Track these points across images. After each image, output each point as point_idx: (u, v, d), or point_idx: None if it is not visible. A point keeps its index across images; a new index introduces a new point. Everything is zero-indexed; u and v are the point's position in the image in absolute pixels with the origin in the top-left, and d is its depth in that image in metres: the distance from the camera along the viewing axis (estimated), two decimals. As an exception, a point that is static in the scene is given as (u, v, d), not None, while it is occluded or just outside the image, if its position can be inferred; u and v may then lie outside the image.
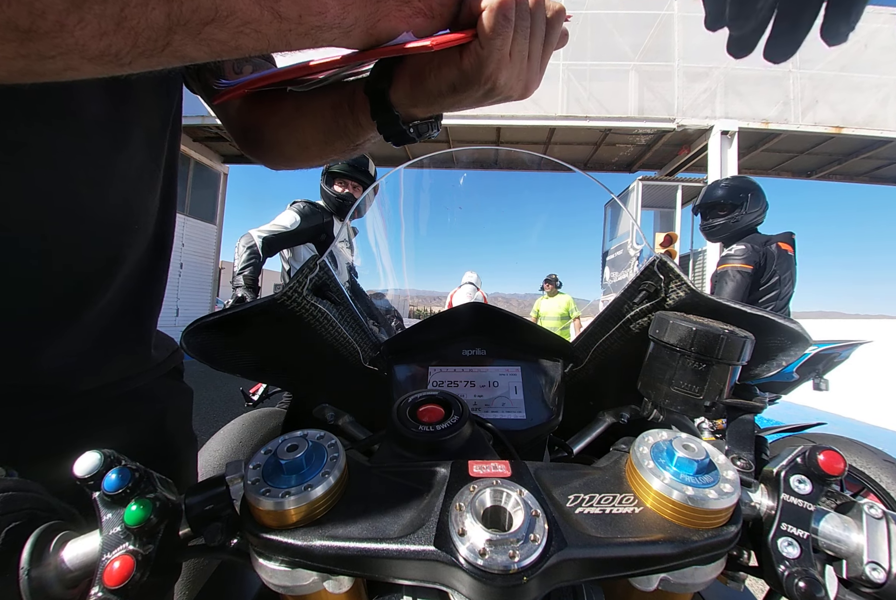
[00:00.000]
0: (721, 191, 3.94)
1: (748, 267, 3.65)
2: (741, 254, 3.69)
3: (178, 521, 0.48)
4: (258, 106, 0.91)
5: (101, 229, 0.70)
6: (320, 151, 0.89)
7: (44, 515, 0.46)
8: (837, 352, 3.59)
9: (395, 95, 0.65)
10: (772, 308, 3.69)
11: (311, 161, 0.94)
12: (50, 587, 0.42)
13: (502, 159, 7.90)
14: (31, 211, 0.62)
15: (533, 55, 0.62)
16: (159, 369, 0.91)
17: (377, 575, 0.41)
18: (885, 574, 0.42)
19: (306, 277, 0.58)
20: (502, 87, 0.61)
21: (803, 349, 0.52)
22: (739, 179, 4.09)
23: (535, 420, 0.71)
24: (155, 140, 0.79)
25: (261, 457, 0.46)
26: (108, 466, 0.47)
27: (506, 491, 0.42)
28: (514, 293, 2.75)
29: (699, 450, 0.45)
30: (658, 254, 0.60)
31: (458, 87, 0.62)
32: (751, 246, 3.71)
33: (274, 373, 0.72)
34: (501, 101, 0.67)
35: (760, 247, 3.71)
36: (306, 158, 0.93)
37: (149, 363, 0.87)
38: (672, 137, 11.73)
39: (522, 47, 0.59)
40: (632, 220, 1.04)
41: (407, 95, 0.65)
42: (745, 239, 3.81)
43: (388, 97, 0.65)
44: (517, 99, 0.67)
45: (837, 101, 10.65)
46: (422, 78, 0.62)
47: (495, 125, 11.79)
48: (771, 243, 3.76)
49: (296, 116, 0.85)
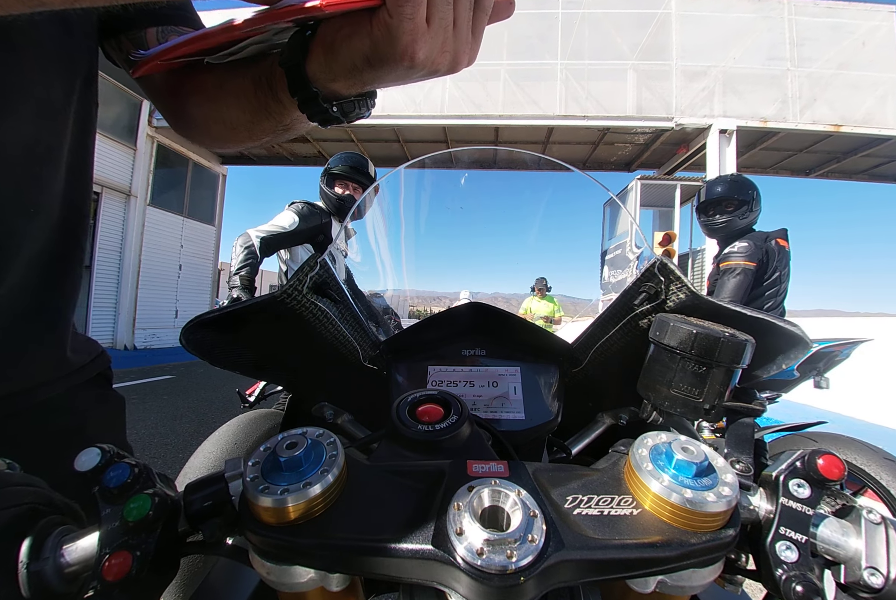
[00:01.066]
0: (729, 187, 3.89)
1: (752, 264, 3.63)
2: (745, 252, 3.66)
3: (177, 517, 0.48)
4: (182, 82, 0.84)
5: None
6: (249, 132, 0.82)
7: (45, 510, 0.46)
8: (838, 351, 3.56)
9: (311, 69, 0.59)
10: (772, 304, 3.71)
11: (243, 142, 0.88)
12: (49, 581, 0.42)
13: (502, 159, 7.88)
14: None
15: (460, 23, 0.55)
16: (78, 375, 0.84)
17: (374, 573, 0.41)
18: (884, 579, 0.42)
19: (307, 275, 0.58)
20: (423, 60, 0.54)
21: (803, 352, 0.53)
22: (741, 177, 4.03)
23: (535, 420, 0.72)
24: (53, 110, 0.72)
25: (260, 454, 0.46)
26: (107, 462, 0.47)
27: (504, 491, 0.42)
28: (514, 293, 2.74)
29: (698, 453, 0.45)
30: (658, 256, 0.60)
31: (372, 61, 0.55)
32: (753, 243, 3.68)
33: (273, 371, 0.72)
34: (428, 76, 0.60)
35: (762, 243, 3.70)
36: (236, 139, 0.87)
37: (64, 368, 0.81)
38: (670, 136, 11.76)
39: (445, 14, 0.52)
40: (630, 219, 1.03)
41: (322, 69, 0.59)
42: (746, 236, 3.78)
43: (304, 71, 0.60)
44: (446, 73, 0.60)
45: (836, 99, 10.68)
46: (333, 49, 0.56)
47: (493, 125, 11.78)
48: (770, 240, 3.75)
49: (219, 94, 0.79)
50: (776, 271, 3.68)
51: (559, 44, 11.16)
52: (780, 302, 3.76)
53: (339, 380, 0.79)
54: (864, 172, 14.06)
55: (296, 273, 0.57)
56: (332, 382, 0.79)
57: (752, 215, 3.79)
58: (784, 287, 3.75)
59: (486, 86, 11.35)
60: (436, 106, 11.30)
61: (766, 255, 3.67)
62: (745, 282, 3.62)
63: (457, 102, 11.26)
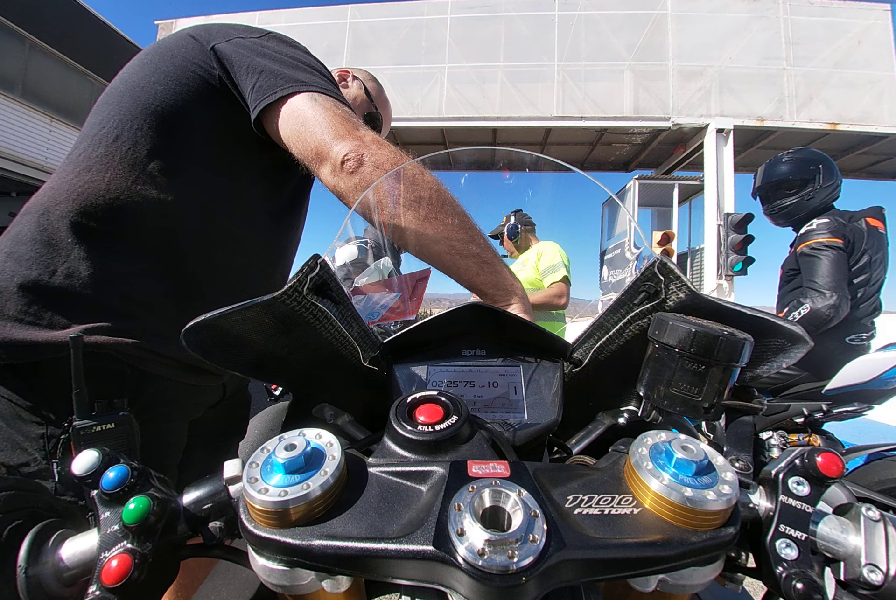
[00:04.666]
0: (786, 167, 3.39)
1: (838, 240, 3.06)
2: (826, 228, 3.11)
3: (177, 520, 0.48)
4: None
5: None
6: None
7: (45, 514, 0.46)
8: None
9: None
10: (861, 295, 3.12)
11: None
12: (48, 585, 0.42)
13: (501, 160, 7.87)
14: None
15: None
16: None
17: (375, 574, 0.41)
18: (883, 575, 0.42)
19: (307, 276, 0.57)
20: None
21: (803, 350, 0.52)
22: (803, 151, 3.47)
23: (535, 420, 0.71)
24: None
25: (259, 456, 0.46)
26: (106, 465, 0.47)
27: (505, 491, 0.42)
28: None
29: (698, 452, 0.45)
30: (658, 255, 0.60)
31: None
32: (834, 218, 3.14)
33: (273, 372, 0.72)
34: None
35: (846, 221, 3.15)
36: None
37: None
38: (668, 136, 11.75)
39: None
40: (629, 216, 1.03)
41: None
42: (825, 214, 3.24)
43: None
44: None
45: (832, 98, 10.67)
46: None
47: (491, 126, 11.78)
48: (857, 219, 3.18)
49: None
50: (864, 255, 3.08)
51: (556, 45, 11.16)
52: (873, 293, 3.16)
53: (340, 380, 0.79)
54: (862, 170, 14.05)
55: (296, 273, 0.57)
56: (332, 383, 0.79)
57: (822, 193, 3.24)
58: (877, 275, 3.15)
59: (484, 87, 11.34)
60: (433, 108, 11.30)
61: (853, 235, 3.10)
62: (839, 260, 3.02)
63: (454, 104, 11.25)
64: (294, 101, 1.04)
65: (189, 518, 0.49)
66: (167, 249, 1.07)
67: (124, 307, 1.01)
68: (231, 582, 0.72)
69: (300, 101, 1.04)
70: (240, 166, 1.18)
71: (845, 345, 3.13)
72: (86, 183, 1.01)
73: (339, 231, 0.93)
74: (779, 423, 3.06)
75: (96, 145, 1.05)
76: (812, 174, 3.25)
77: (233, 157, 1.17)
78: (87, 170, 1.03)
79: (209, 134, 1.14)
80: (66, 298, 0.96)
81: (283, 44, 1.20)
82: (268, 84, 1.05)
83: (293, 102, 1.04)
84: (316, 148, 1.01)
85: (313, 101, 1.04)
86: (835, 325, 3.00)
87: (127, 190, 1.02)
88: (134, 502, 0.44)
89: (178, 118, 1.09)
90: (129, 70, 1.15)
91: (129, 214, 1.02)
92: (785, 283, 3.50)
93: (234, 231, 1.19)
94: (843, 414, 3.00)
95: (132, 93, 1.09)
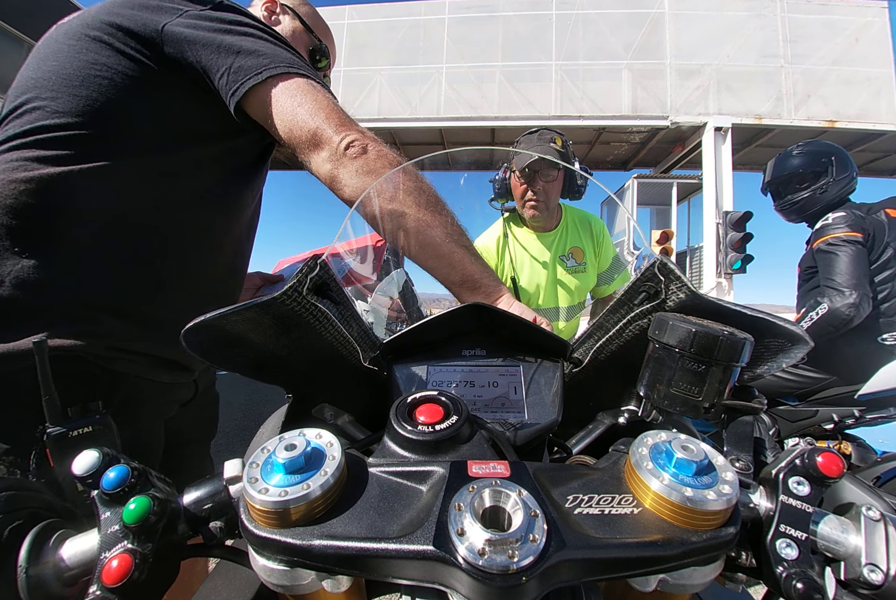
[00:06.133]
0: (797, 160, 3.18)
1: (857, 234, 2.85)
2: (843, 222, 2.91)
3: (177, 520, 0.48)
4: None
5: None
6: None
7: (45, 514, 0.46)
8: None
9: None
10: (887, 292, 2.87)
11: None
12: (48, 585, 0.42)
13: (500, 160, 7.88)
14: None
15: None
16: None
17: (376, 574, 0.41)
18: (883, 575, 0.42)
19: (307, 276, 0.57)
20: None
21: (804, 350, 0.52)
22: (814, 143, 3.25)
23: (535, 420, 0.71)
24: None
25: (260, 456, 0.46)
26: (106, 464, 0.47)
27: (505, 491, 0.42)
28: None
29: (698, 452, 0.45)
30: (658, 255, 0.60)
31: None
32: (851, 211, 2.95)
33: (273, 373, 0.72)
34: None
35: (864, 214, 2.95)
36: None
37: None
38: (666, 135, 11.75)
39: None
40: (628, 215, 1.03)
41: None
42: (840, 207, 3.04)
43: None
44: None
45: (830, 96, 10.68)
46: None
47: (490, 126, 11.78)
48: (875, 211, 2.96)
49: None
50: (887, 249, 2.85)
51: (553, 45, 11.15)
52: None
53: (340, 380, 0.79)
54: (861, 167, 14.02)
55: (296, 274, 0.57)
56: (332, 383, 0.79)
57: (836, 186, 3.05)
58: None
59: (482, 87, 11.34)
60: (432, 108, 11.29)
61: (873, 228, 2.88)
62: (857, 255, 2.81)
63: (452, 104, 11.25)
64: (288, 84, 1.01)
65: (189, 518, 0.49)
66: (120, 245, 1.03)
67: (84, 309, 0.97)
68: (231, 582, 0.72)
69: (294, 84, 1.02)
70: (184, 154, 1.13)
71: (877, 346, 2.87)
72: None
73: (339, 231, 0.93)
74: (806, 430, 2.95)
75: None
76: (824, 166, 3.07)
77: (176, 145, 1.11)
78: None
79: (144, 124, 1.08)
80: (15, 308, 0.92)
81: (239, 14, 1.13)
82: (249, 64, 1.01)
83: (287, 84, 1.01)
84: (313, 132, 0.99)
85: (311, 87, 1.02)
86: (865, 325, 2.80)
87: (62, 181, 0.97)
88: (134, 502, 0.44)
89: (112, 109, 1.03)
90: (46, 59, 1.05)
91: (66, 211, 0.97)
92: (804, 282, 3.28)
93: (184, 222, 1.14)
94: (877, 420, 2.84)
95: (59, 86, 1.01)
